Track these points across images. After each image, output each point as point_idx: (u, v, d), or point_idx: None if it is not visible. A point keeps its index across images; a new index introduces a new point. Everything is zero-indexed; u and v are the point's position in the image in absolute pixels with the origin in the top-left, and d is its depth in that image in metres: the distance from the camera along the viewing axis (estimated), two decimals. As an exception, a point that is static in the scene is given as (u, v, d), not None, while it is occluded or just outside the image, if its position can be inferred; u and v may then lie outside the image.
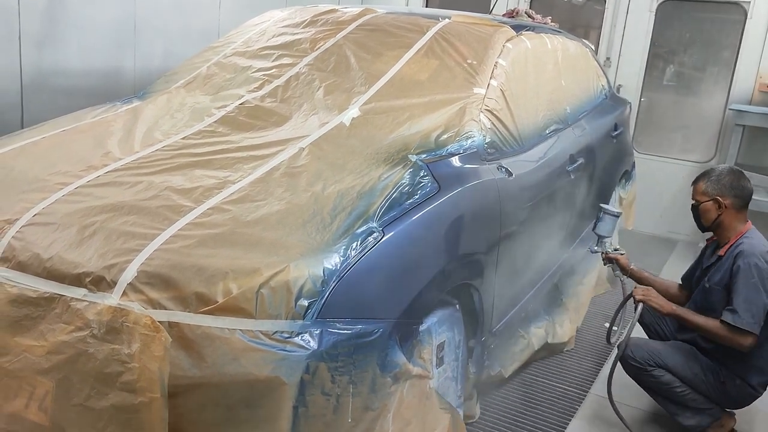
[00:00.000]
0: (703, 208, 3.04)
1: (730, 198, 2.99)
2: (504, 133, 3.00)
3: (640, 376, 3.08)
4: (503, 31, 3.40)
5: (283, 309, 1.85)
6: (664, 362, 3.01)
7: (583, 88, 4.34)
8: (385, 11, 3.60)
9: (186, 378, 1.78)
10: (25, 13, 3.78)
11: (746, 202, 3.03)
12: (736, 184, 3.01)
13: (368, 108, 2.89)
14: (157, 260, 1.94)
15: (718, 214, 3.01)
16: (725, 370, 2.98)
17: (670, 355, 3.04)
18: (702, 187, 3.05)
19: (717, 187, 3.01)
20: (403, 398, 2.08)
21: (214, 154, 2.56)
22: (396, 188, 2.31)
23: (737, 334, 2.82)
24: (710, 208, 3.02)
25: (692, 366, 3.01)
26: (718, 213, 3.01)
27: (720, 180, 3.02)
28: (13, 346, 1.90)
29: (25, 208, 2.21)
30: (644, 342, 3.14)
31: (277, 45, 3.45)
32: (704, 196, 3.04)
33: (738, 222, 3.02)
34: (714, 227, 3.06)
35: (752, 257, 2.86)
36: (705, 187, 3.04)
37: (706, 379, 2.99)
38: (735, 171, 3.07)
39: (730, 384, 2.97)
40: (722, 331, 2.85)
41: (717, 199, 3.00)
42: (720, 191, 3.00)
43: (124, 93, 4.20)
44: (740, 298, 2.82)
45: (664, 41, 6.38)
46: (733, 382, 2.98)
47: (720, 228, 3.05)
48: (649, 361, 3.01)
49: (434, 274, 2.28)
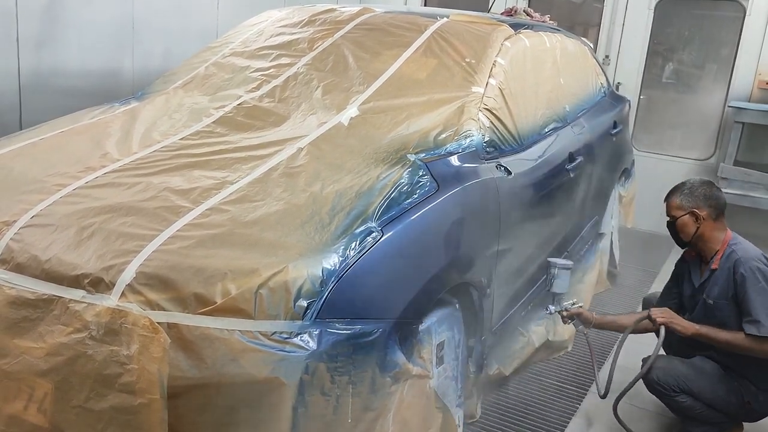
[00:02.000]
0: (681, 222, 2.98)
1: (706, 209, 2.94)
2: (503, 132, 2.99)
3: (662, 398, 3.00)
4: (502, 29, 3.39)
5: (282, 309, 1.85)
6: (690, 387, 2.91)
7: (582, 86, 4.33)
8: (383, 10, 3.59)
9: (185, 379, 1.78)
10: (23, 14, 3.78)
11: (722, 210, 2.98)
12: (710, 194, 2.97)
13: (367, 107, 2.89)
14: (155, 261, 1.94)
15: (696, 226, 2.95)
16: (748, 389, 2.90)
17: (696, 379, 2.92)
18: (676, 201, 3.00)
19: (692, 200, 2.96)
20: (403, 398, 2.08)
21: (212, 155, 2.56)
22: (395, 188, 2.31)
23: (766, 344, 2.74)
24: (688, 222, 2.96)
25: (717, 389, 2.92)
26: (696, 226, 2.95)
27: (693, 192, 2.98)
28: (11, 348, 1.90)
29: (24, 209, 2.21)
30: (670, 365, 2.99)
31: (275, 45, 3.44)
32: (680, 210, 2.98)
33: (718, 231, 2.96)
34: (695, 241, 2.99)
35: (751, 262, 2.81)
36: (680, 202, 2.98)
37: (728, 400, 2.91)
38: (706, 182, 3.04)
39: (755, 402, 2.90)
40: (751, 344, 2.76)
41: (694, 211, 2.94)
42: (695, 203, 2.95)
43: (123, 94, 4.19)
44: (757, 306, 2.74)
45: (663, 39, 6.37)
46: (756, 398, 2.90)
47: (701, 241, 2.98)
48: (674, 387, 2.92)
49: (433, 274, 2.27)
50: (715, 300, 2.92)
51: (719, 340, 2.85)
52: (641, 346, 3.29)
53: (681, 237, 3.03)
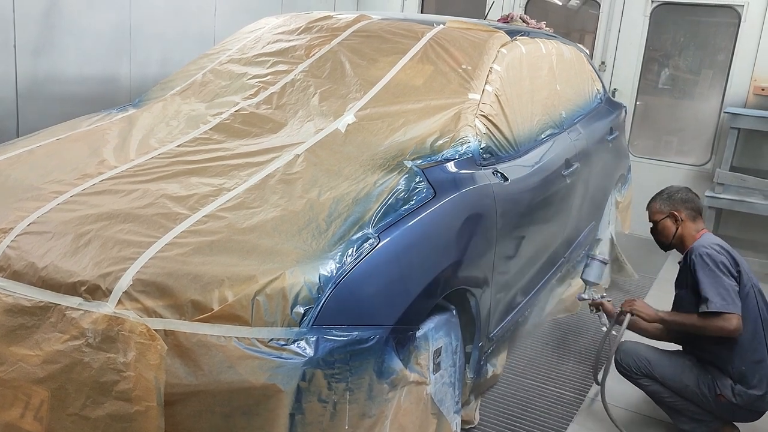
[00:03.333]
0: (662, 225, 3.23)
1: (684, 211, 3.18)
2: (499, 138, 3.00)
3: (630, 380, 3.17)
4: (498, 36, 3.40)
5: (279, 316, 1.85)
6: (653, 373, 3.07)
7: (579, 92, 4.35)
8: (380, 17, 3.60)
9: (182, 386, 1.78)
10: (20, 21, 3.79)
11: (699, 211, 3.23)
12: (686, 197, 3.22)
13: (363, 114, 2.89)
14: (152, 268, 1.94)
15: (676, 227, 3.18)
16: (721, 381, 2.98)
17: (660, 365, 3.07)
18: (657, 206, 3.26)
19: (670, 203, 3.22)
20: (401, 404, 2.08)
21: (209, 162, 2.56)
22: (392, 194, 2.31)
23: (717, 319, 2.85)
24: (668, 224, 3.21)
25: (685, 378, 3.03)
26: (675, 227, 3.18)
27: (671, 197, 3.23)
28: (8, 356, 1.89)
29: (21, 216, 2.21)
30: (635, 348, 3.17)
31: (272, 52, 3.45)
32: (660, 214, 3.23)
33: (695, 231, 3.18)
34: (675, 242, 3.22)
35: (701, 248, 2.99)
36: (659, 206, 3.24)
37: (701, 393, 3.00)
38: (684, 188, 3.29)
39: (729, 394, 2.96)
40: (703, 321, 2.90)
41: (673, 213, 3.19)
42: (674, 207, 3.20)
43: (120, 100, 4.20)
44: (705, 286, 2.90)
45: (659, 45, 6.40)
46: (731, 391, 2.96)
47: (680, 241, 3.20)
48: (636, 370, 3.09)
49: (431, 280, 2.28)
50: (680, 291, 3.15)
51: (677, 323, 3.04)
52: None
53: (662, 239, 3.27)
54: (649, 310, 3.14)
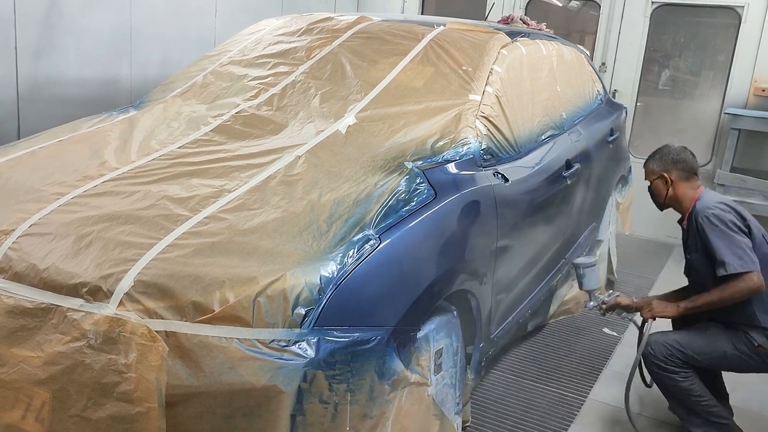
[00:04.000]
0: (654, 185, 3.21)
1: (675, 171, 3.13)
2: (500, 140, 3.01)
3: (660, 377, 3.01)
4: (498, 37, 3.41)
5: (280, 317, 1.85)
6: (686, 352, 2.93)
7: (579, 93, 4.35)
8: (380, 19, 3.61)
9: (183, 387, 1.78)
10: (21, 23, 3.79)
11: (692, 170, 3.16)
12: (677, 158, 3.16)
13: (364, 115, 2.90)
14: (153, 269, 1.94)
15: (666, 189, 3.15)
16: (757, 332, 2.89)
17: (691, 343, 2.95)
18: (650, 167, 3.23)
19: (661, 164, 3.18)
20: (402, 405, 2.08)
21: (210, 163, 2.56)
22: (392, 195, 2.32)
23: (738, 282, 2.81)
24: (659, 185, 3.18)
25: (720, 346, 2.93)
26: (666, 188, 3.15)
27: (663, 157, 3.18)
28: (9, 357, 1.90)
29: (22, 218, 2.21)
30: (662, 337, 3.03)
31: (272, 53, 3.46)
32: (652, 174, 3.21)
33: (690, 190, 3.12)
34: (670, 202, 3.18)
35: (706, 210, 2.95)
36: (652, 167, 3.21)
37: (741, 352, 2.91)
38: (678, 147, 3.23)
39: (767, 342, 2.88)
40: (725, 290, 2.84)
41: (663, 175, 3.15)
42: (664, 167, 3.16)
43: (121, 102, 4.21)
44: (719, 249, 2.85)
45: (659, 46, 6.40)
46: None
47: (675, 201, 3.16)
48: (669, 358, 2.94)
49: (431, 281, 2.28)
50: (692, 255, 3.08)
51: (702, 305, 2.95)
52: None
53: (656, 199, 3.24)
54: (669, 307, 3.06)
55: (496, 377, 3.59)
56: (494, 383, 3.53)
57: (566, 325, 4.31)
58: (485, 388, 3.47)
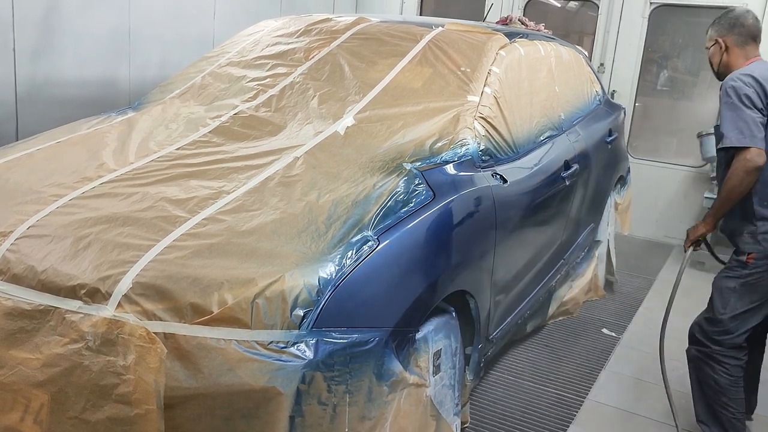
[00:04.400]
0: (710, 53, 3.06)
1: (731, 36, 2.96)
2: (498, 141, 3.01)
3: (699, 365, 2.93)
4: (497, 38, 3.41)
5: (279, 319, 1.85)
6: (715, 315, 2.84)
7: (577, 94, 4.35)
8: (378, 20, 3.61)
9: (182, 389, 1.78)
10: (19, 24, 3.79)
11: (750, 35, 2.95)
12: (736, 22, 2.96)
13: (363, 117, 2.90)
14: (152, 271, 1.94)
15: (720, 55, 3.00)
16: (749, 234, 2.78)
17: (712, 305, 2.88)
18: (709, 33, 3.07)
19: (718, 30, 3.01)
20: (400, 407, 2.08)
21: (208, 165, 2.56)
22: (391, 196, 2.32)
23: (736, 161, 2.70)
24: (714, 51, 3.03)
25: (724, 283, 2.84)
26: (720, 54, 3.00)
27: (721, 22, 3.01)
28: (8, 359, 1.89)
29: (20, 220, 2.21)
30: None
31: (271, 54, 3.46)
32: (710, 41, 3.06)
33: (741, 59, 2.95)
34: (723, 69, 3.01)
35: (729, 81, 2.81)
36: (710, 33, 3.06)
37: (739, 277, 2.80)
38: (742, 9, 3.03)
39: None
40: (728, 177, 2.73)
41: (717, 41, 3.00)
42: (720, 33, 3.00)
43: (119, 103, 4.21)
44: (724, 122, 2.76)
45: (658, 46, 6.41)
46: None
47: (727, 70, 2.98)
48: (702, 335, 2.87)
49: (430, 282, 2.28)
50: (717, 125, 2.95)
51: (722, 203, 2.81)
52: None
53: (712, 67, 3.09)
54: (700, 227, 2.97)
55: (495, 378, 3.59)
56: (493, 384, 3.53)
57: (565, 326, 4.31)
58: (484, 389, 3.48)
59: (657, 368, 3.71)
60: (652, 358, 3.91)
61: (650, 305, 4.75)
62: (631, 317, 4.54)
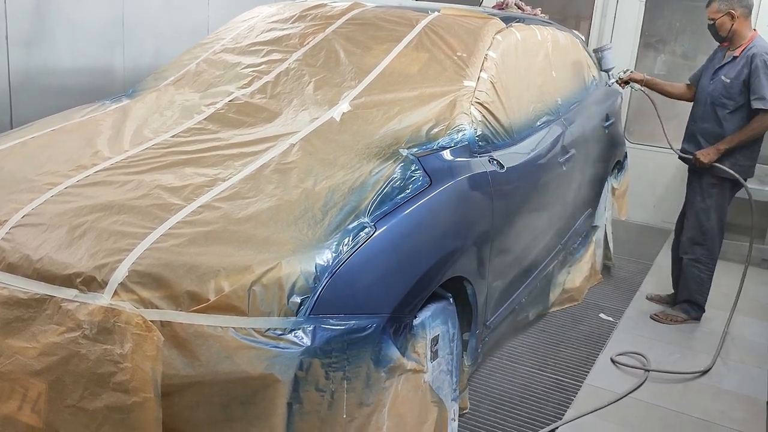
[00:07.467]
0: (720, 22, 3.91)
1: (739, 8, 3.86)
2: (495, 126, 2.99)
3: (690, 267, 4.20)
4: (493, 23, 3.39)
5: (276, 306, 1.85)
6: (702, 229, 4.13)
7: (574, 79, 4.33)
8: (374, 5, 3.58)
9: (179, 377, 1.78)
10: (12, 13, 3.75)
11: (750, 10, 3.92)
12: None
13: (358, 102, 2.88)
14: (148, 259, 1.93)
15: (731, 24, 3.88)
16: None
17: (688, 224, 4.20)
18: (715, 6, 3.91)
19: (727, 3, 3.86)
20: (398, 393, 2.08)
21: (204, 152, 2.55)
22: (387, 183, 2.31)
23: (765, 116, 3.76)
24: (725, 21, 3.90)
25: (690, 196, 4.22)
26: (731, 23, 3.88)
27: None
28: (4, 349, 1.89)
29: (15, 209, 2.20)
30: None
31: (266, 41, 3.43)
32: (718, 13, 3.90)
33: (747, 29, 3.92)
34: (731, 35, 3.93)
35: (764, 55, 3.77)
36: (718, 6, 3.90)
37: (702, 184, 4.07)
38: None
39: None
40: (760, 119, 3.78)
41: (730, 12, 3.86)
42: (730, 5, 3.86)
43: (114, 91, 4.18)
44: (764, 86, 3.72)
45: (655, 31, 6.37)
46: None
47: (734, 35, 3.92)
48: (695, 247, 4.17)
49: (427, 268, 2.27)
50: (731, 80, 3.88)
51: (739, 140, 3.86)
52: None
53: (720, 33, 3.96)
54: (709, 153, 3.94)
55: (494, 364, 3.60)
56: (491, 370, 3.54)
57: (563, 311, 4.32)
58: (482, 374, 3.48)
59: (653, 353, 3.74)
60: (648, 343, 3.92)
61: (648, 289, 4.75)
62: (628, 302, 4.55)
